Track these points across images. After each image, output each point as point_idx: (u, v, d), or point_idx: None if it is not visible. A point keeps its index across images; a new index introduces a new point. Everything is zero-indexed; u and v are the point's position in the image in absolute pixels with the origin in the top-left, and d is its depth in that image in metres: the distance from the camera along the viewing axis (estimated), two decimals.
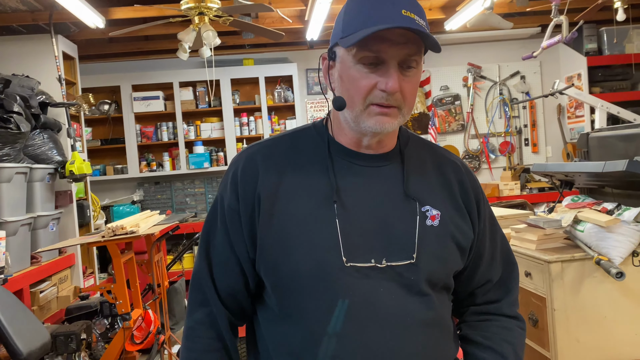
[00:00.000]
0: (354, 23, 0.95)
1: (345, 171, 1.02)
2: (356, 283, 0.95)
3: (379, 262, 0.97)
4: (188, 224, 5.00)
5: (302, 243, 0.97)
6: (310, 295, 0.96)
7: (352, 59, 0.96)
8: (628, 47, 5.34)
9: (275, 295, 1.00)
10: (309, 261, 0.96)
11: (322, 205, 0.99)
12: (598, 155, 2.44)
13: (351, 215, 0.98)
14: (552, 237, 2.09)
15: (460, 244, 1.04)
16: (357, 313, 0.95)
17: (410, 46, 0.94)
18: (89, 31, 4.38)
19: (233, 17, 3.72)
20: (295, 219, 0.98)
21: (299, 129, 1.11)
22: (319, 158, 1.03)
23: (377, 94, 0.95)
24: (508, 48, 5.91)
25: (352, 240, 0.97)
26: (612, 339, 1.95)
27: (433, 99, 5.92)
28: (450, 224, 1.03)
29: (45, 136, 3.80)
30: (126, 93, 5.43)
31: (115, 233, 2.71)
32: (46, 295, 3.50)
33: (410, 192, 1.02)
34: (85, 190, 4.57)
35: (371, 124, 0.97)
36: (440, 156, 1.12)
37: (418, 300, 0.98)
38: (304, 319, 0.97)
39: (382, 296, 0.96)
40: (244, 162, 1.05)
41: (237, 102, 5.61)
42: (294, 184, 1.01)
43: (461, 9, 4.28)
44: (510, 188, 5.46)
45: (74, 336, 2.81)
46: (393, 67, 0.94)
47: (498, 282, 1.13)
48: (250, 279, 1.04)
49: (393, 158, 1.06)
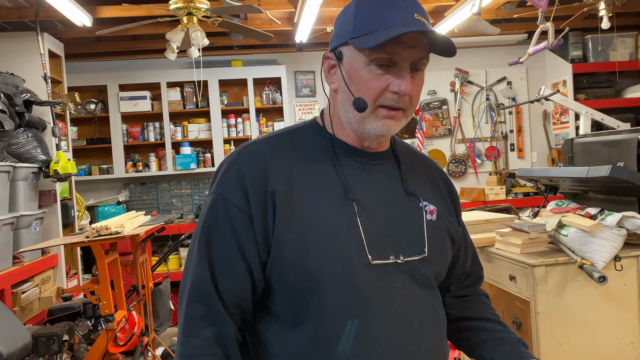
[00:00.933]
0: (368, 24, 0.94)
1: (351, 168, 1.02)
2: (378, 280, 0.96)
3: (397, 258, 0.99)
4: (174, 225, 4.97)
5: (324, 241, 0.95)
6: (333, 295, 0.94)
7: (365, 59, 0.96)
8: (612, 55, 5.42)
9: (290, 299, 0.96)
10: (333, 260, 0.94)
11: (339, 202, 0.98)
12: (582, 160, 2.47)
13: (368, 213, 0.99)
14: (537, 241, 2.11)
15: (452, 237, 1.10)
16: (381, 309, 0.96)
17: (422, 49, 0.96)
18: (75, 29, 4.34)
19: (222, 18, 3.71)
20: (314, 216, 0.96)
21: (293, 128, 1.09)
22: (322, 155, 1.02)
23: (388, 95, 0.96)
24: (495, 54, 5.97)
25: (373, 238, 0.97)
26: (593, 343, 1.97)
27: (420, 103, 5.95)
28: (445, 218, 1.09)
29: (29, 135, 3.76)
30: (113, 92, 5.38)
31: (100, 233, 2.68)
32: (28, 296, 3.45)
33: (410, 189, 1.06)
34: (69, 190, 4.52)
35: (377, 126, 0.98)
36: (421, 156, 1.18)
37: (428, 294, 1.03)
38: (323, 320, 0.94)
39: (399, 292, 0.98)
40: (249, 159, 0.99)
41: (224, 103, 5.59)
42: (307, 180, 0.99)
43: (449, 15, 4.32)
44: (495, 192, 5.51)
45: (56, 337, 2.77)
46: (405, 70, 0.95)
47: (470, 271, 1.20)
48: (258, 285, 0.97)
49: (389, 157, 1.08)
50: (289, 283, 0.95)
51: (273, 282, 0.97)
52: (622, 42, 5.40)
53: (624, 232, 1.94)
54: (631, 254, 1.97)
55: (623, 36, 5.36)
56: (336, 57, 1.01)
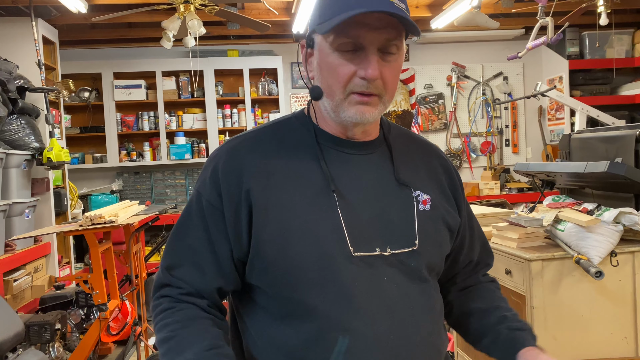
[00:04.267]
0: (331, 8, 0.91)
1: (335, 159, 0.99)
2: (361, 273, 0.93)
3: (383, 250, 0.95)
4: (167, 215, 4.94)
5: (303, 235, 0.92)
6: (315, 288, 0.92)
7: (330, 46, 0.92)
8: (609, 52, 5.42)
9: (274, 294, 0.94)
10: (314, 253, 0.92)
11: (319, 194, 0.95)
12: (579, 156, 2.47)
13: (350, 204, 0.96)
14: (533, 235, 2.11)
15: (450, 227, 1.05)
16: (365, 304, 0.92)
17: (390, 30, 0.91)
18: (70, 16, 4.29)
19: (219, 7, 3.67)
20: (292, 210, 0.93)
21: (280, 120, 1.07)
22: (306, 147, 0.99)
23: (357, 82, 0.92)
24: (492, 49, 5.96)
25: (356, 230, 0.94)
26: (587, 337, 1.98)
27: (417, 97, 5.94)
28: (440, 208, 1.04)
29: (22, 122, 3.72)
30: (107, 80, 5.33)
31: (94, 222, 2.66)
32: (20, 284, 3.42)
33: (401, 179, 1.01)
34: (62, 178, 4.48)
35: (351, 113, 0.94)
36: (421, 142, 1.13)
37: (419, 287, 0.98)
38: (308, 315, 0.92)
39: (385, 285, 0.94)
40: (225, 157, 0.99)
41: (220, 93, 5.56)
42: (286, 174, 0.96)
43: (448, 7, 4.30)
44: (490, 187, 5.52)
45: (48, 326, 2.76)
46: (372, 53, 0.91)
47: (478, 260, 1.17)
48: (229, 279, 0.97)
49: (379, 146, 1.04)
50: (269, 280, 0.94)
51: (254, 280, 0.96)
52: (619, 39, 5.41)
53: (621, 228, 1.94)
54: (627, 249, 1.97)
55: (620, 33, 5.37)
56: (308, 44, 0.98)
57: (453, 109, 5.97)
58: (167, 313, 0.95)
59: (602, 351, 1.98)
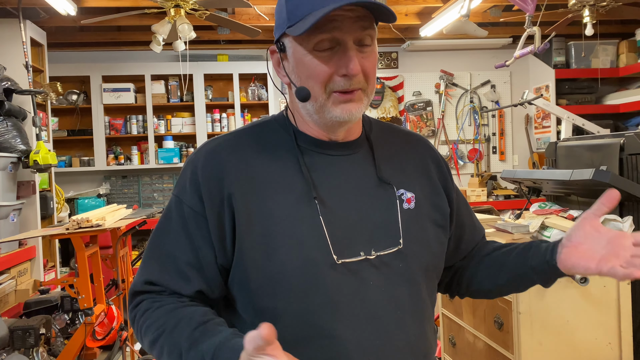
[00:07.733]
0: (299, 8, 0.88)
1: (317, 162, 0.96)
2: (345, 280, 0.90)
3: (368, 253, 0.93)
4: (155, 219, 4.91)
5: (286, 242, 0.90)
6: (298, 297, 0.89)
7: (305, 47, 0.90)
8: (594, 62, 5.51)
9: (253, 306, 0.92)
10: (295, 263, 0.89)
11: (301, 201, 0.92)
12: (565, 164, 2.50)
13: (333, 209, 0.93)
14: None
15: (438, 222, 1.02)
16: (349, 310, 0.90)
17: (364, 20, 0.89)
18: (59, 18, 4.26)
19: (209, 12, 3.68)
20: (275, 217, 0.91)
21: (260, 122, 1.03)
22: (286, 151, 0.96)
23: (337, 80, 0.90)
24: (480, 57, 6.03)
25: (339, 235, 0.91)
26: (573, 343, 2.00)
27: (405, 104, 5.98)
28: (425, 205, 1.01)
29: (9, 124, 3.68)
30: (96, 84, 5.30)
31: (80, 226, 2.64)
32: (4, 288, 3.38)
33: (384, 177, 0.99)
34: (49, 181, 4.44)
35: (337, 113, 0.91)
36: (405, 135, 1.10)
37: (407, 290, 0.95)
38: (290, 324, 0.89)
39: (370, 290, 0.92)
40: (204, 160, 0.95)
41: (209, 97, 5.55)
42: (267, 179, 0.93)
43: (437, 16, 4.34)
44: (477, 194, 5.57)
45: (33, 331, 2.72)
46: (350, 48, 0.89)
47: (478, 239, 1.15)
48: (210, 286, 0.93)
49: (361, 145, 1.01)
50: (251, 289, 0.91)
51: (235, 290, 0.93)
52: (604, 49, 5.49)
53: None
54: None
55: (605, 43, 5.46)
56: (279, 49, 0.95)
57: (441, 116, 6.01)
58: (148, 314, 0.92)
59: (587, 357, 2.00)
